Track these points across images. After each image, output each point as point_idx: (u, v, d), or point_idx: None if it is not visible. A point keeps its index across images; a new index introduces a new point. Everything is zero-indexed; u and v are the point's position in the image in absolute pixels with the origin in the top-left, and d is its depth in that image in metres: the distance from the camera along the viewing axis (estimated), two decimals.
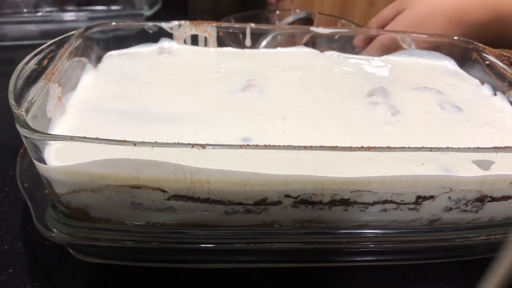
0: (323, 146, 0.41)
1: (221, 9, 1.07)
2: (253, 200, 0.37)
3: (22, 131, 0.34)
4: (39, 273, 0.40)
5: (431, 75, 0.61)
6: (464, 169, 0.38)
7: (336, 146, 0.41)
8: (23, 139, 0.35)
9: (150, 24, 0.60)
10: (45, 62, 0.45)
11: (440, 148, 0.37)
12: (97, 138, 0.34)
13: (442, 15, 0.69)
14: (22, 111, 0.36)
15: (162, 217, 0.38)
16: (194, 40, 0.62)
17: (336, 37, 0.66)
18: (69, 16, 0.91)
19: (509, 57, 0.56)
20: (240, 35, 0.64)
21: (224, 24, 0.63)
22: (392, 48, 0.65)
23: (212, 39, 0.62)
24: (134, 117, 0.44)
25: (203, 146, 0.34)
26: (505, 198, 0.40)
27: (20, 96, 0.38)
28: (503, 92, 0.55)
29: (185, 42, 0.62)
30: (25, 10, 0.91)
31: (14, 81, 0.39)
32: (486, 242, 0.40)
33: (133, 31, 0.60)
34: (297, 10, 0.95)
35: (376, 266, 0.43)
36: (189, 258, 0.41)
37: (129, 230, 0.37)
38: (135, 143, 0.33)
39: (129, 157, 0.34)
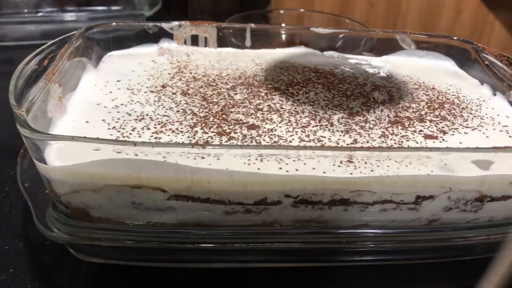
0: (323, 146, 0.42)
1: (221, 9, 1.07)
2: (253, 200, 0.37)
3: (23, 131, 0.34)
4: (40, 273, 0.40)
5: (431, 75, 0.61)
6: (464, 169, 0.38)
7: (336, 146, 0.42)
8: (24, 139, 0.35)
9: (151, 24, 0.60)
10: (46, 62, 0.45)
11: (440, 148, 0.37)
12: (97, 138, 0.34)
13: None
14: (22, 111, 0.36)
15: (163, 217, 0.38)
16: (194, 40, 0.63)
17: (336, 37, 0.66)
18: (69, 16, 0.91)
19: (508, 57, 0.56)
20: (240, 35, 0.64)
21: (224, 24, 0.63)
22: None
23: (212, 39, 0.62)
24: (135, 117, 0.45)
25: (203, 146, 0.34)
26: (504, 198, 0.40)
27: (20, 96, 0.39)
28: (503, 92, 0.55)
29: (185, 42, 0.62)
30: (25, 11, 0.91)
31: (15, 81, 0.40)
32: (486, 242, 0.40)
33: (134, 31, 0.60)
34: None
35: (376, 266, 0.43)
36: (189, 258, 0.41)
37: (129, 230, 0.38)
38: (135, 143, 0.33)
39: (129, 157, 0.34)
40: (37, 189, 0.40)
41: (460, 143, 0.45)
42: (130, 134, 0.42)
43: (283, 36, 0.70)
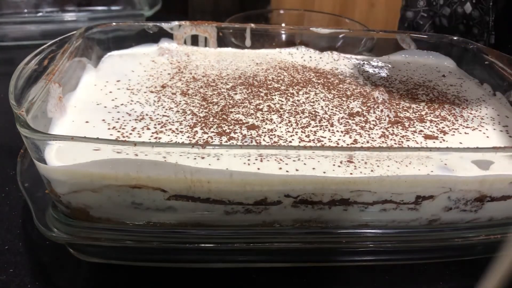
0: (323, 146, 0.42)
1: (221, 9, 1.08)
2: (253, 200, 0.37)
3: (23, 131, 0.34)
4: (40, 273, 0.40)
5: (431, 75, 0.61)
6: (464, 169, 0.38)
7: (336, 146, 0.42)
8: (24, 139, 0.35)
9: (150, 24, 0.60)
10: (46, 62, 0.45)
11: (440, 148, 0.37)
12: (97, 138, 0.34)
13: None
14: (22, 111, 0.36)
15: (162, 217, 0.38)
16: (194, 40, 0.63)
17: (336, 37, 0.66)
18: (69, 16, 0.91)
19: (508, 57, 0.56)
20: (240, 35, 0.64)
21: (224, 24, 0.63)
22: None
23: (212, 39, 0.63)
24: (135, 117, 0.45)
25: (203, 146, 0.34)
26: (504, 198, 0.40)
27: (20, 96, 0.39)
28: (503, 92, 0.55)
29: (185, 42, 0.62)
30: (25, 11, 0.91)
31: (15, 81, 0.40)
32: (486, 242, 0.40)
33: (134, 31, 0.60)
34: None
35: (376, 266, 0.43)
36: (189, 258, 0.41)
37: (129, 230, 0.38)
38: (135, 143, 0.33)
39: (129, 157, 0.34)
40: (37, 189, 0.40)
41: (460, 143, 0.45)
42: (130, 134, 0.42)
43: (283, 36, 0.70)
